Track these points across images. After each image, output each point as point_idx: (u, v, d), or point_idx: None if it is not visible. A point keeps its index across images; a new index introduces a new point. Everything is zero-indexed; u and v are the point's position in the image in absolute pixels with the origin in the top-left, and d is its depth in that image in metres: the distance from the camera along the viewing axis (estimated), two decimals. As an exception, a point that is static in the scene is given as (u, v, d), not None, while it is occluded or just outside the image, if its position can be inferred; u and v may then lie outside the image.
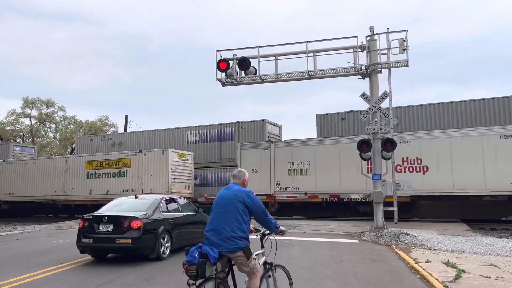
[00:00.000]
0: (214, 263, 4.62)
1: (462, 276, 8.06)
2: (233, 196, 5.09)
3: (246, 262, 4.90)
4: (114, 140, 31.76)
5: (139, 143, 30.25)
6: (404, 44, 15.21)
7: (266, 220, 5.32)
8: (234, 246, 4.82)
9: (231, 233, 4.85)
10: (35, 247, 13.24)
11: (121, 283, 7.86)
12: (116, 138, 32.14)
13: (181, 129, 29.74)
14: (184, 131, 29.36)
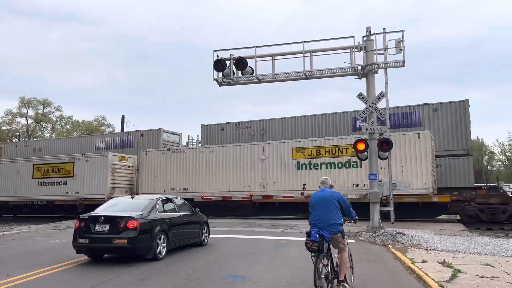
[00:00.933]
0: (328, 241, 6.70)
1: (458, 276, 8.09)
2: (330, 196, 7.06)
3: (342, 240, 6.95)
4: (35, 146, 35.22)
5: (56, 149, 33.28)
6: (401, 44, 15.24)
7: (350, 212, 7.22)
8: (336, 229, 6.87)
9: (334, 221, 6.88)
10: (31, 247, 13.19)
11: (117, 283, 7.84)
12: (36, 144, 35.70)
13: (90, 137, 34.00)
14: (92, 138, 33.07)
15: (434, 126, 22.97)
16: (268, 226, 18.15)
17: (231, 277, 8.23)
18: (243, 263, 9.72)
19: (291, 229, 17.17)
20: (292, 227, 17.79)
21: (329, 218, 6.87)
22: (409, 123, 23.76)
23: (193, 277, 8.28)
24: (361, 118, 15.51)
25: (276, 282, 7.90)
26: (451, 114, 23.02)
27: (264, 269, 9.10)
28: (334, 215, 6.92)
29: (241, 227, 18.10)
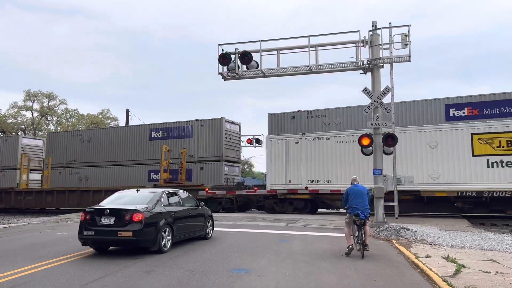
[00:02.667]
0: (367, 219, 10.10)
1: (462, 271, 8.09)
2: (363, 189, 10.39)
3: (368, 221, 10.19)
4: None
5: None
6: (407, 39, 15.16)
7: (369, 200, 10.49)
8: (368, 212, 10.18)
9: (367, 206, 10.22)
10: (37, 239, 13.30)
11: (122, 275, 7.91)
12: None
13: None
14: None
15: None
16: (272, 221, 18.20)
17: (235, 270, 8.27)
18: (247, 257, 9.77)
19: (295, 223, 17.21)
20: (296, 221, 17.83)
21: (365, 204, 10.15)
22: None
23: (197, 269, 8.33)
24: (366, 112, 15.48)
25: (280, 275, 7.93)
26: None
27: (268, 262, 9.14)
28: (367, 203, 10.22)
29: (245, 221, 18.16)
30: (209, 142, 28.67)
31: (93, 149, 32.24)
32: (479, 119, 21.65)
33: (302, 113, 26.69)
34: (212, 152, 28.39)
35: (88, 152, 32.41)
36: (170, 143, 28.72)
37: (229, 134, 29.15)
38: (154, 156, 29.51)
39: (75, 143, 33.19)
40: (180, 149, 27.57)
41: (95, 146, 32.31)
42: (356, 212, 9.92)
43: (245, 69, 17.14)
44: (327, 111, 26.04)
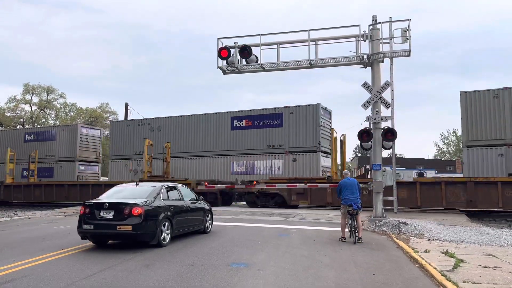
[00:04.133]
0: (360, 209, 11.20)
1: (460, 265, 8.12)
2: (354, 182, 11.44)
3: (360, 211, 11.23)
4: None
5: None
6: (407, 34, 15.10)
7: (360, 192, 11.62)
8: (359, 202, 11.26)
9: (359, 198, 11.34)
10: (36, 232, 13.31)
11: (122, 269, 7.92)
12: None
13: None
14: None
15: None
16: (271, 215, 18.23)
17: (235, 264, 8.29)
18: (246, 251, 9.78)
19: (294, 217, 17.25)
20: (295, 215, 17.86)
21: (357, 196, 11.24)
22: None
23: (196, 263, 8.34)
24: (366, 107, 15.45)
25: (279, 269, 7.95)
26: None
27: (267, 256, 9.16)
28: (358, 194, 11.31)
29: (244, 215, 18.19)
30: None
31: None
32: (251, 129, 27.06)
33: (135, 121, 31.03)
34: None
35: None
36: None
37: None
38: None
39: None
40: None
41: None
42: (349, 203, 11.13)
43: (245, 63, 17.07)
44: None
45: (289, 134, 26.11)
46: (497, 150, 21.28)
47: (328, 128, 26.53)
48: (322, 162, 25.47)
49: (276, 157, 26.00)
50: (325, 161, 25.78)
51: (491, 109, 21.63)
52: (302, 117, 25.96)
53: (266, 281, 7.10)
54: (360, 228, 11.19)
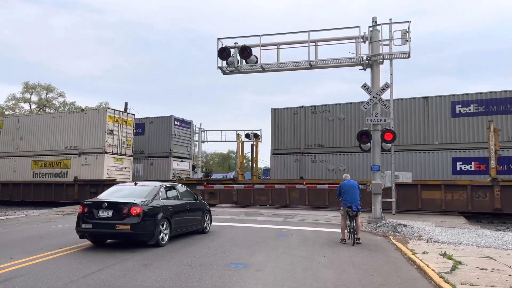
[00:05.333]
0: (359, 211, 11.29)
1: (458, 267, 8.13)
2: (354, 184, 11.56)
3: (359, 212, 11.31)
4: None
5: None
6: (407, 36, 15.12)
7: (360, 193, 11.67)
8: (359, 204, 11.31)
9: (359, 200, 11.39)
10: (34, 231, 13.29)
11: (120, 268, 7.91)
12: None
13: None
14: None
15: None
16: (270, 215, 18.23)
17: (233, 265, 8.29)
18: (244, 251, 9.78)
19: (292, 218, 17.25)
20: (293, 216, 17.87)
21: (357, 198, 11.34)
22: None
23: (195, 263, 8.34)
24: (365, 109, 15.47)
25: (277, 270, 7.95)
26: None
27: (265, 257, 9.17)
28: (357, 196, 11.39)
29: (242, 215, 18.19)
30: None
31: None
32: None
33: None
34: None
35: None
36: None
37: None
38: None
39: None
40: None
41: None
42: (349, 204, 11.23)
43: (245, 63, 17.09)
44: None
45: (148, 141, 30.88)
46: (294, 157, 25.62)
47: (186, 136, 32.11)
48: (176, 166, 30.80)
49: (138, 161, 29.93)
50: (179, 165, 31.25)
51: (291, 123, 26.05)
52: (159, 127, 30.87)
53: (264, 281, 7.10)
54: (359, 229, 11.35)
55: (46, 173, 28.94)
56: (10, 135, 30.80)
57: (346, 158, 24.34)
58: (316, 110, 25.67)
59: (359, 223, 11.36)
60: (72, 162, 28.01)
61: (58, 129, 29.07)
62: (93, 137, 27.49)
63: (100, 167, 26.88)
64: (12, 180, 29.63)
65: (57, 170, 28.59)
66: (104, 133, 26.95)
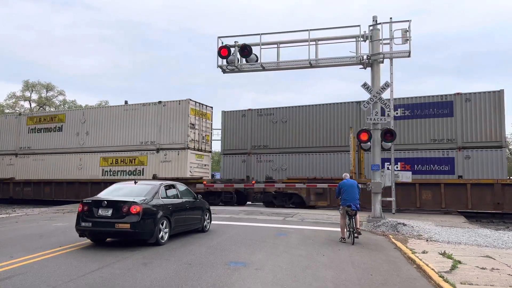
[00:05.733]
0: (358, 210, 11.35)
1: (458, 267, 8.13)
2: (354, 183, 11.64)
3: (359, 211, 11.37)
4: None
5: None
6: (407, 35, 15.12)
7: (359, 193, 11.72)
8: (358, 203, 11.38)
9: (358, 199, 11.44)
10: (34, 230, 13.30)
11: (120, 267, 7.91)
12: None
13: None
14: None
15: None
16: (270, 214, 18.23)
17: (233, 263, 8.29)
18: (244, 250, 9.78)
19: (292, 217, 17.25)
20: (293, 215, 17.87)
21: (356, 197, 11.39)
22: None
23: (194, 262, 8.34)
24: (365, 108, 15.46)
25: (277, 269, 7.95)
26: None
27: (265, 256, 9.16)
28: (356, 196, 11.43)
29: (242, 214, 18.19)
30: None
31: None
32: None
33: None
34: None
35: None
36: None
37: None
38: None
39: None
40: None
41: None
42: (348, 203, 11.29)
43: (245, 62, 17.08)
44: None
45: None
46: (241, 157, 26.55)
47: None
48: None
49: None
50: None
51: (240, 125, 27.00)
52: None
53: (264, 280, 7.10)
54: (358, 226, 11.44)
55: (118, 170, 26.44)
56: (73, 130, 28.40)
57: (288, 158, 25.67)
58: (262, 113, 27.16)
59: (358, 219, 11.44)
60: (149, 158, 25.45)
61: (131, 122, 26.47)
62: (174, 131, 24.95)
63: (182, 164, 24.52)
64: (77, 179, 27.29)
65: (131, 167, 25.99)
66: (187, 127, 24.55)
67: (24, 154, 29.98)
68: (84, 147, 27.78)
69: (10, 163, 30.59)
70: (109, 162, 26.75)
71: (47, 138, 29.32)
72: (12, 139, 30.84)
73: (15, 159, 30.40)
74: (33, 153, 29.62)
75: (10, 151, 30.67)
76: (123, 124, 26.68)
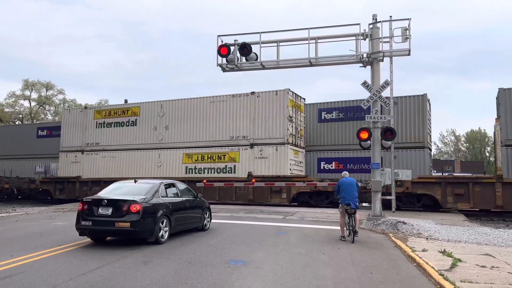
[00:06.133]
0: (357, 208, 11.38)
1: (458, 265, 8.13)
2: (352, 182, 11.66)
3: (358, 209, 11.41)
4: None
5: None
6: (407, 33, 15.07)
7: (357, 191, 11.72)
8: (357, 201, 11.40)
9: (356, 197, 11.46)
10: (34, 229, 13.30)
11: (120, 265, 7.92)
12: None
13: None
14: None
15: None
16: (270, 213, 18.24)
17: (233, 262, 8.29)
18: (244, 248, 9.79)
19: (292, 216, 17.26)
20: (293, 214, 17.87)
21: (354, 195, 11.42)
22: None
23: (195, 261, 8.35)
24: (365, 106, 15.45)
25: (277, 267, 7.96)
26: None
27: (265, 254, 9.17)
28: (355, 194, 11.47)
29: (242, 213, 18.20)
30: None
31: None
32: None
33: None
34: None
35: None
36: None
37: None
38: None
39: None
40: None
41: None
42: (347, 202, 11.33)
43: (244, 61, 17.04)
44: None
45: None
46: None
47: None
48: None
49: None
50: None
51: None
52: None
53: (264, 278, 7.11)
54: (357, 224, 11.45)
55: (204, 168, 24.36)
56: (150, 124, 26.26)
57: None
58: None
59: (357, 218, 11.46)
60: (242, 155, 23.35)
61: (218, 115, 24.48)
62: (271, 125, 23.10)
63: (282, 161, 22.51)
64: (156, 177, 24.61)
65: (220, 164, 23.89)
66: (286, 119, 22.62)
67: (92, 150, 27.71)
68: (163, 143, 25.70)
69: (75, 160, 28.30)
70: (193, 159, 24.73)
71: (119, 133, 27.12)
72: (77, 134, 28.56)
73: (81, 156, 28.08)
74: (103, 150, 27.42)
75: (76, 148, 28.45)
76: (209, 117, 24.63)
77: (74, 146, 28.55)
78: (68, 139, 28.88)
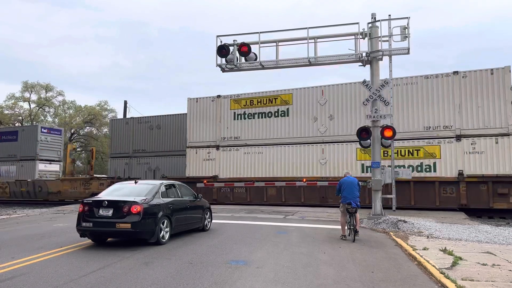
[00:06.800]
0: (358, 207, 11.38)
1: (459, 263, 8.13)
2: (354, 181, 11.64)
3: (358, 208, 11.41)
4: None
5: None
6: (406, 32, 15.10)
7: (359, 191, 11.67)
8: (358, 201, 11.42)
9: (358, 196, 11.47)
10: (35, 230, 13.30)
11: (121, 266, 7.92)
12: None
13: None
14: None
15: None
16: (270, 213, 18.24)
17: (234, 262, 8.30)
18: (245, 248, 9.79)
19: (293, 215, 17.26)
20: (294, 213, 17.88)
21: (356, 194, 11.43)
22: None
23: (195, 261, 8.35)
24: (365, 105, 15.45)
25: (278, 267, 7.96)
26: None
27: (266, 254, 9.17)
28: (356, 193, 11.47)
29: (243, 213, 18.20)
30: None
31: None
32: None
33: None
34: None
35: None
36: None
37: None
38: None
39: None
40: None
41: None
42: (348, 201, 11.37)
43: (244, 61, 17.06)
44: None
45: None
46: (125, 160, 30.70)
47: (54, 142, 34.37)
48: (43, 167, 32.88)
49: None
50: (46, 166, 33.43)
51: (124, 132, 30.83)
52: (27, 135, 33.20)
53: (265, 278, 7.11)
54: (357, 223, 11.47)
55: (388, 166, 19.63)
56: (308, 114, 22.29)
57: (161, 160, 29.14)
58: (141, 120, 30.73)
59: (358, 217, 11.48)
60: (444, 149, 19.28)
61: (405, 102, 20.26)
62: (486, 112, 18.97)
63: (505, 156, 18.46)
64: (320, 176, 21.44)
65: (414, 160, 19.73)
66: (509, 104, 18.63)
67: (230, 146, 23.80)
68: (325, 136, 21.77)
69: (208, 157, 24.42)
70: None
71: (266, 125, 23.18)
72: (210, 128, 24.55)
73: (216, 153, 24.10)
74: (245, 145, 23.44)
75: (209, 143, 24.41)
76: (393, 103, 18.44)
77: (207, 141, 24.62)
78: (198, 133, 24.90)
